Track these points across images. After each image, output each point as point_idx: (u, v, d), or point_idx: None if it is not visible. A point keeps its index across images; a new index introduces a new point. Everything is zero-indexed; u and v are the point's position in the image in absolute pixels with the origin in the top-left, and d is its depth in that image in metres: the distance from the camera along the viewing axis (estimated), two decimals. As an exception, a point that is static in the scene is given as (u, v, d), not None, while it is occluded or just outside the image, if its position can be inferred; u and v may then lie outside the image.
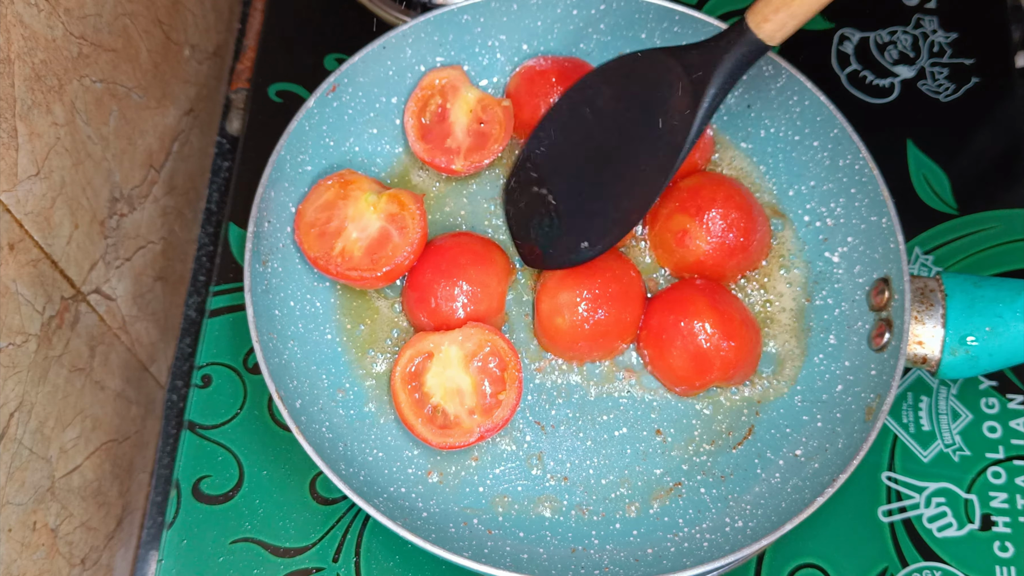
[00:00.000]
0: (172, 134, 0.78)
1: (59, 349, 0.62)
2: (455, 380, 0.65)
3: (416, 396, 0.65)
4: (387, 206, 0.68)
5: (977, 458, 0.71)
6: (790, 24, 0.59)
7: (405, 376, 0.65)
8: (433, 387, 0.65)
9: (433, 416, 0.64)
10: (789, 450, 0.66)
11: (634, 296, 0.68)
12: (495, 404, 0.64)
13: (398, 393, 0.65)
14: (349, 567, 0.67)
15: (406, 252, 0.67)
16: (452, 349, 0.65)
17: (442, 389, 0.65)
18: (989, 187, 0.80)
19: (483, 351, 0.65)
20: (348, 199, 0.68)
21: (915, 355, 0.64)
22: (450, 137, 0.72)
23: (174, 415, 0.77)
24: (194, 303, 0.81)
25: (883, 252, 0.67)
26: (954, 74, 0.84)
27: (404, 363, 0.65)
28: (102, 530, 0.69)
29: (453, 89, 0.73)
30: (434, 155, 0.72)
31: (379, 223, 0.67)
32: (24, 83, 0.56)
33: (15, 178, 0.56)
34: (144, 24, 0.72)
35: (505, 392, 0.65)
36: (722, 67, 0.61)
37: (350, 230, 0.67)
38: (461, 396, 0.64)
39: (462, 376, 0.65)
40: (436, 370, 0.65)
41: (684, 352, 0.66)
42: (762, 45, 0.60)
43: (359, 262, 0.67)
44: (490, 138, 0.72)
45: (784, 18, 0.58)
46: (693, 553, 0.62)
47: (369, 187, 0.69)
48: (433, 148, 0.72)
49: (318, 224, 0.68)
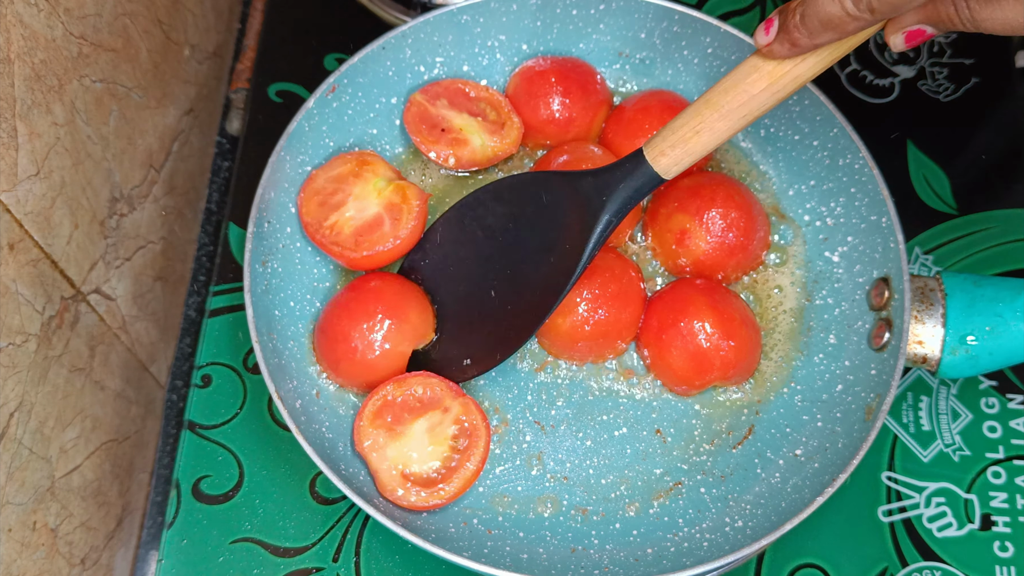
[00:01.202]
0: (172, 134, 0.78)
1: (59, 349, 0.62)
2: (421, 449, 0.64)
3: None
4: (391, 195, 0.68)
5: (977, 458, 0.71)
6: (685, 160, 0.59)
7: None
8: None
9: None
10: (789, 450, 0.66)
11: (634, 296, 0.68)
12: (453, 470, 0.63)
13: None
14: (349, 567, 0.67)
15: (391, 243, 0.67)
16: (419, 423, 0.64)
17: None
18: (989, 187, 0.80)
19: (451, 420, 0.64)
20: (360, 178, 0.69)
21: (915, 355, 0.64)
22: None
23: (174, 415, 0.77)
24: (194, 303, 0.81)
25: (883, 252, 0.67)
26: (954, 74, 0.84)
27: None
28: (102, 530, 0.69)
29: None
30: None
31: (377, 208, 0.68)
32: (24, 83, 0.56)
33: (15, 178, 0.56)
34: (144, 24, 0.72)
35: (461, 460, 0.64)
36: (616, 196, 0.61)
37: (349, 207, 0.68)
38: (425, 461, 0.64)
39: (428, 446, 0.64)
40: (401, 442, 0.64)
41: (684, 352, 0.66)
42: (657, 177, 0.60)
43: (344, 239, 0.67)
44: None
45: (680, 154, 0.58)
46: (693, 553, 0.62)
47: (383, 172, 0.69)
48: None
49: (323, 193, 0.69)
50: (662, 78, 0.76)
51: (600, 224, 0.61)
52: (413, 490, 0.62)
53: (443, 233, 0.68)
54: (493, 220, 0.67)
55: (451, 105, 0.73)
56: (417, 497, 0.62)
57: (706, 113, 0.56)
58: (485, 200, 0.67)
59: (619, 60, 0.77)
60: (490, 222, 0.67)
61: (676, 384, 0.68)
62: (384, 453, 0.63)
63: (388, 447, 0.63)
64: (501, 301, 0.66)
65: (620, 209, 0.61)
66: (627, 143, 0.72)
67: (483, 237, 0.67)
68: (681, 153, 0.58)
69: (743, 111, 0.55)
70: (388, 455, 0.63)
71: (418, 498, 0.62)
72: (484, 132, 0.72)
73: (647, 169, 0.60)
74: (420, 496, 0.62)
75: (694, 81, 0.76)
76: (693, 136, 0.57)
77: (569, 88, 0.73)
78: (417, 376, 0.64)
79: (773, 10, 0.86)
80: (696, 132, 0.57)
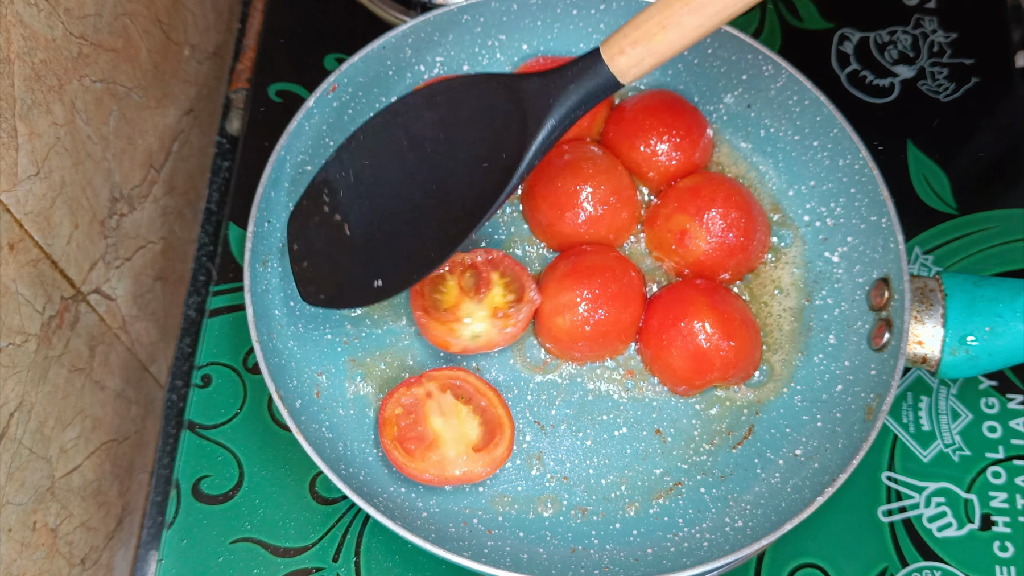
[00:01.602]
0: (172, 134, 0.78)
1: (59, 349, 0.62)
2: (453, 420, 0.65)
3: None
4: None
5: (977, 458, 0.71)
6: (648, 61, 0.53)
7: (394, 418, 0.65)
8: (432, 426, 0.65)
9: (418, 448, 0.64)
10: (789, 450, 0.66)
11: (634, 296, 0.68)
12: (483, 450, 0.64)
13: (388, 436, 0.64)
14: (349, 567, 0.67)
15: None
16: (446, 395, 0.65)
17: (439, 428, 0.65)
18: (989, 187, 0.80)
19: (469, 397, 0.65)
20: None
21: (915, 355, 0.64)
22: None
23: (174, 415, 0.77)
24: (194, 303, 0.81)
25: (883, 252, 0.67)
26: (954, 74, 0.84)
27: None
28: (102, 530, 0.69)
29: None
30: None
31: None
32: (24, 83, 0.56)
33: (15, 178, 0.56)
34: (144, 24, 0.72)
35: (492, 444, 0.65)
36: (564, 100, 0.55)
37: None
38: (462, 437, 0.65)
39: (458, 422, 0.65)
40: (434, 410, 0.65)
41: (684, 352, 0.66)
42: (613, 80, 0.54)
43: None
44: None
45: (642, 53, 0.53)
46: (693, 553, 0.62)
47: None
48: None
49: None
50: (662, 78, 0.76)
51: (543, 130, 0.55)
52: (478, 459, 0.64)
53: (364, 142, 0.61)
54: (421, 128, 0.59)
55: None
56: (483, 461, 0.64)
57: (676, 6, 0.51)
58: (415, 106, 0.60)
59: (619, 60, 0.77)
60: (417, 131, 0.60)
61: (676, 384, 0.68)
62: (425, 462, 0.63)
63: (432, 455, 0.64)
64: (421, 218, 0.59)
65: (567, 114, 0.55)
66: (627, 143, 0.72)
67: (408, 147, 0.60)
68: (643, 52, 0.52)
69: (717, 6, 0.50)
70: (432, 459, 0.63)
71: (485, 462, 0.64)
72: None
73: (602, 69, 0.54)
74: (485, 459, 0.64)
75: (694, 82, 0.76)
76: (659, 31, 0.51)
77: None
78: (387, 399, 0.65)
79: (772, 10, 0.86)
80: (662, 27, 0.51)
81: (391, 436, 0.64)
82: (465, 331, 0.65)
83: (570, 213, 0.69)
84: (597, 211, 0.69)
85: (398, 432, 0.64)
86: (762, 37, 0.85)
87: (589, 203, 0.69)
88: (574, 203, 0.69)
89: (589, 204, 0.69)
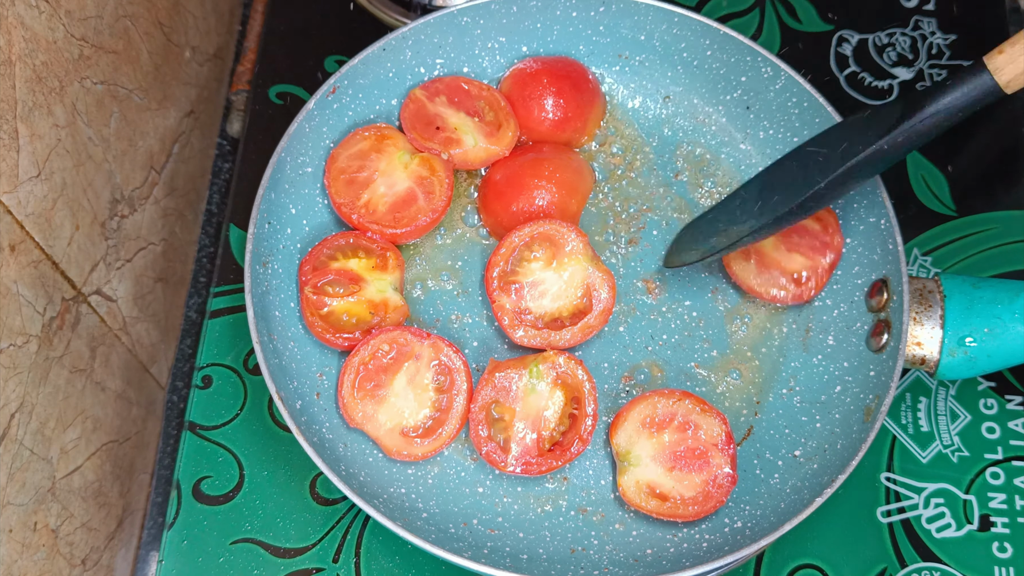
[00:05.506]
0: (173, 136, 0.78)
1: (60, 350, 0.62)
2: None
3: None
4: (418, 168, 0.70)
5: (976, 459, 0.71)
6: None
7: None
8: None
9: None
10: (788, 451, 0.66)
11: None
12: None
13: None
14: (349, 567, 0.67)
15: (429, 216, 0.69)
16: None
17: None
18: (988, 188, 0.80)
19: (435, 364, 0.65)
20: (382, 153, 0.70)
21: (914, 356, 0.64)
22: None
23: (175, 416, 0.78)
24: (195, 304, 0.82)
25: (882, 253, 0.67)
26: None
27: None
28: (103, 531, 0.69)
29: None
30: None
31: (408, 183, 0.70)
32: (25, 85, 0.56)
33: (16, 179, 0.56)
34: (145, 26, 0.72)
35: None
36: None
37: (379, 183, 0.69)
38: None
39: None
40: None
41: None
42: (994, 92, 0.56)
43: (381, 217, 0.69)
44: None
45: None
46: (692, 553, 0.62)
47: (403, 145, 0.71)
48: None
49: (348, 171, 0.69)
50: (662, 80, 0.76)
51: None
52: (416, 442, 0.64)
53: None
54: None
55: (449, 103, 0.73)
56: (423, 447, 0.64)
57: None
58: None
59: (619, 62, 0.77)
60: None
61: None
62: (377, 420, 0.64)
63: (379, 413, 0.64)
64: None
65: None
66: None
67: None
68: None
69: None
70: (381, 420, 0.64)
71: (425, 447, 0.64)
72: (479, 133, 0.72)
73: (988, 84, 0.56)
74: (426, 445, 0.64)
75: (693, 83, 0.76)
76: None
77: (562, 88, 0.73)
78: (380, 334, 0.65)
79: (772, 12, 0.86)
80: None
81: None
82: None
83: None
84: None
85: (364, 373, 0.65)
86: (761, 39, 0.85)
87: None
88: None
89: None
